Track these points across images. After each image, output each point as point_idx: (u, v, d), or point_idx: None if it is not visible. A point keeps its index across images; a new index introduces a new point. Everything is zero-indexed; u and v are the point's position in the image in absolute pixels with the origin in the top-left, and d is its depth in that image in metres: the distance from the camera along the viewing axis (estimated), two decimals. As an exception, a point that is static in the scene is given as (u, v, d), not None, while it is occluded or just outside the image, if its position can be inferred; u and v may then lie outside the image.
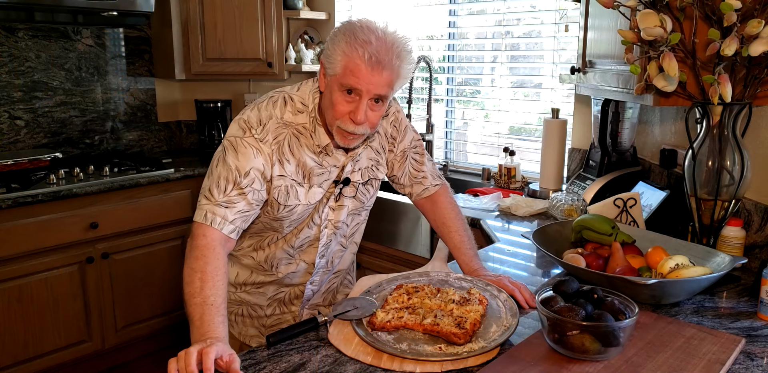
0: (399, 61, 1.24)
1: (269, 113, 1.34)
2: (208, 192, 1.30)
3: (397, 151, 1.54)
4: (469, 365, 1.11)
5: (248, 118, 1.34)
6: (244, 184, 1.29)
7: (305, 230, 1.45)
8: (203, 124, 3.42)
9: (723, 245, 1.56)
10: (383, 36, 1.23)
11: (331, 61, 1.25)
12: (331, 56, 1.25)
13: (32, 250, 2.47)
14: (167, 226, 2.92)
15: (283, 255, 1.49)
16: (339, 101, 1.27)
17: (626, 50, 1.53)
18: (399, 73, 1.25)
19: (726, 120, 1.50)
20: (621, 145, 2.19)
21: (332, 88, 1.27)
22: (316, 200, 1.41)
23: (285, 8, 3.22)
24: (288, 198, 1.37)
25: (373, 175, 1.50)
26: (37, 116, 2.98)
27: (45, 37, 2.95)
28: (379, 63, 1.21)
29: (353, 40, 1.22)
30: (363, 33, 1.22)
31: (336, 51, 1.24)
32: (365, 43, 1.21)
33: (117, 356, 2.88)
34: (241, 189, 1.29)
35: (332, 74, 1.26)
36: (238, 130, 1.33)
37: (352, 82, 1.23)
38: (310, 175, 1.39)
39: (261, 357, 1.15)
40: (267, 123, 1.33)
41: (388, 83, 1.25)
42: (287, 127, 1.35)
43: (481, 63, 3.06)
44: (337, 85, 1.25)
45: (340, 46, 1.23)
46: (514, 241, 1.95)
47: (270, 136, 1.33)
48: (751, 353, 1.16)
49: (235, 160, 1.30)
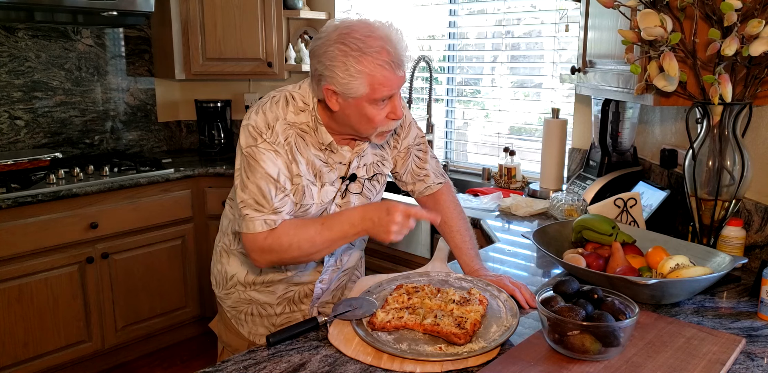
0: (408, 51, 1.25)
1: (275, 115, 1.34)
2: (256, 204, 1.30)
3: (401, 148, 1.54)
4: (469, 365, 1.11)
5: (256, 124, 1.33)
6: (282, 187, 1.32)
7: None
8: (203, 124, 3.42)
9: (723, 245, 1.56)
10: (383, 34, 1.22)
11: (350, 86, 1.22)
12: (346, 81, 1.21)
13: (32, 250, 2.47)
14: (167, 226, 2.91)
15: None
16: (374, 113, 1.27)
17: (626, 50, 1.53)
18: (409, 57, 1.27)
19: (726, 120, 1.50)
20: (621, 145, 2.19)
21: (361, 106, 1.26)
22: (329, 198, 1.42)
23: (285, 8, 3.22)
24: (304, 197, 1.37)
25: (378, 170, 1.50)
26: (37, 116, 2.98)
27: (45, 37, 2.95)
28: (399, 63, 1.23)
29: (364, 56, 1.20)
30: (366, 44, 1.20)
31: (352, 74, 1.21)
32: (379, 52, 1.20)
33: (117, 356, 2.88)
34: (284, 191, 1.32)
35: (356, 96, 1.24)
36: (250, 139, 1.33)
37: (386, 93, 1.24)
38: (320, 174, 1.39)
39: (261, 357, 1.15)
40: (275, 125, 1.33)
41: (405, 74, 1.27)
42: (292, 127, 1.35)
43: (482, 63, 3.06)
44: (368, 101, 1.25)
45: (353, 67, 1.20)
46: (514, 241, 1.95)
47: (281, 137, 1.33)
48: (752, 353, 1.16)
49: (262, 168, 1.30)
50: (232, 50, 3.18)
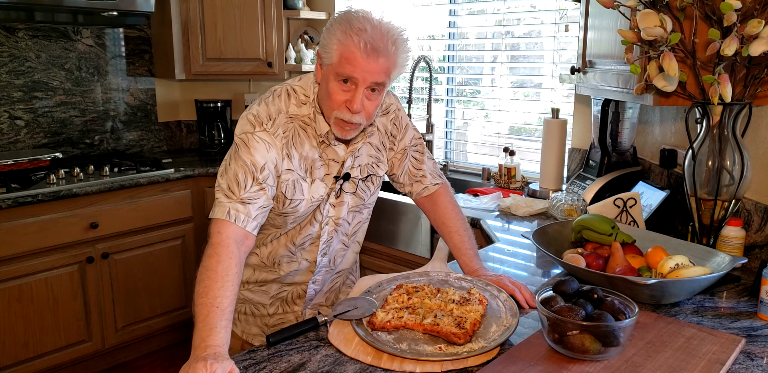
0: (395, 48, 1.24)
1: (277, 107, 1.35)
2: (228, 190, 1.29)
3: (397, 149, 1.54)
4: (469, 365, 1.11)
5: (257, 113, 1.34)
6: (261, 179, 1.30)
7: (308, 226, 1.46)
8: (203, 124, 3.42)
9: (723, 245, 1.56)
10: (378, 24, 1.24)
11: (327, 51, 1.25)
12: (327, 46, 1.25)
13: (32, 250, 2.47)
14: (167, 226, 2.92)
15: (285, 252, 1.49)
16: (335, 91, 1.27)
17: (626, 50, 1.53)
18: (395, 61, 1.26)
19: (726, 120, 1.50)
20: (621, 145, 2.19)
21: (328, 77, 1.27)
22: (319, 195, 1.41)
23: (285, 8, 3.23)
24: (294, 192, 1.37)
25: (372, 171, 1.50)
26: (37, 116, 2.98)
27: (45, 37, 2.95)
28: (375, 50, 1.22)
29: (348, 28, 1.22)
30: (358, 21, 1.23)
31: (332, 40, 1.24)
32: (360, 30, 1.22)
33: (117, 356, 2.88)
34: (260, 184, 1.29)
35: (328, 64, 1.26)
36: (248, 126, 1.33)
37: (348, 71, 1.23)
38: (311, 169, 1.39)
39: (261, 357, 1.15)
40: (276, 117, 1.34)
41: (384, 71, 1.25)
42: (294, 120, 1.36)
43: (481, 63, 3.06)
44: (333, 74, 1.26)
45: (335, 35, 1.24)
46: (514, 241, 1.95)
47: (280, 130, 1.33)
48: (751, 353, 1.16)
49: (249, 155, 1.30)
50: (232, 50, 3.18)
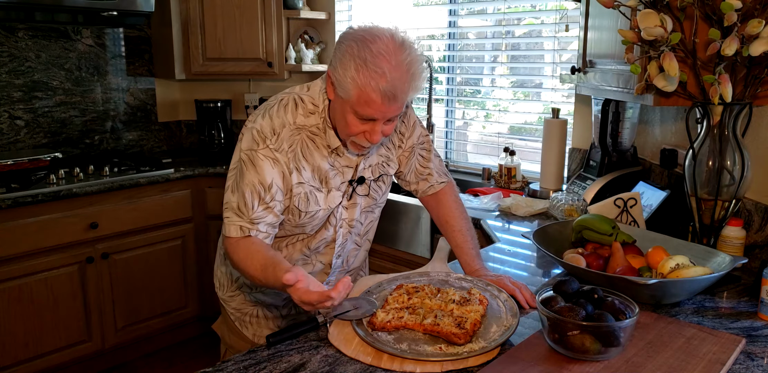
0: (414, 84, 1.21)
1: (282, 121, 1.32)
2: (237, 210, 1.31)
3: (405, 147, 1.54)
4: (469, 365, 1.11)
5: (261, 128, 1.31)
6: (269, 199, 1.31)
7: (322, 231, 1.46)
8: (203, 124, 3.42)
9: (723, 245, 1.55)
10: (397, 64, 1.17)
11: (342, 85, 1.20)
12: (341, 81, 1.20)
13: (32, 250, 2.47)
14: (167, 226, 2.91)
15: (300, 256, 1.49)
16: (354, 124, 1.25)
17: (626, 50, 1.53)
18: (414, 93, 1.25)
19: (726, 120, 1.50)
20: (621, 145, 2.19)
21: (345, 109, 1.24)
22: (336, 203, 1.41)
23: (285, 8, 3.22)
24: (308, 204, 1.37)
25: (383, 170, 1.49)
26: (37, 116, 2.98)
27: (45, 37, 2.95)
28: (394, 97, 1.19)
29: (364, 68, 1.16)
30: (375, 60, 1.16)
31: (346, 77, 1.18)
32: (378, 75, 1.15)
33: (117, 356, 2.87)
34: (267, 204, 1.31)
35: (345, 98, 1.22)
36: (252, 143, 1.32)
37: (366, 113, 1.22)
38: (326, 179, 1.38)
39: (261, 357, 1.15)
40: (281, 131, 1.31)
41: (401, 107, 1.24)
42: (301, 131, 1.34)
43: (482, 63, 3.06)
44: (351, 110, 1.23)
45: (349, 73, 1.18)
46: (514, 241, 1.95)
47: (285, 144, 1.32)
48: (752, 353, 1.16)
49: (255, 174, 1.30)
50: (232, 50, 3.18)
